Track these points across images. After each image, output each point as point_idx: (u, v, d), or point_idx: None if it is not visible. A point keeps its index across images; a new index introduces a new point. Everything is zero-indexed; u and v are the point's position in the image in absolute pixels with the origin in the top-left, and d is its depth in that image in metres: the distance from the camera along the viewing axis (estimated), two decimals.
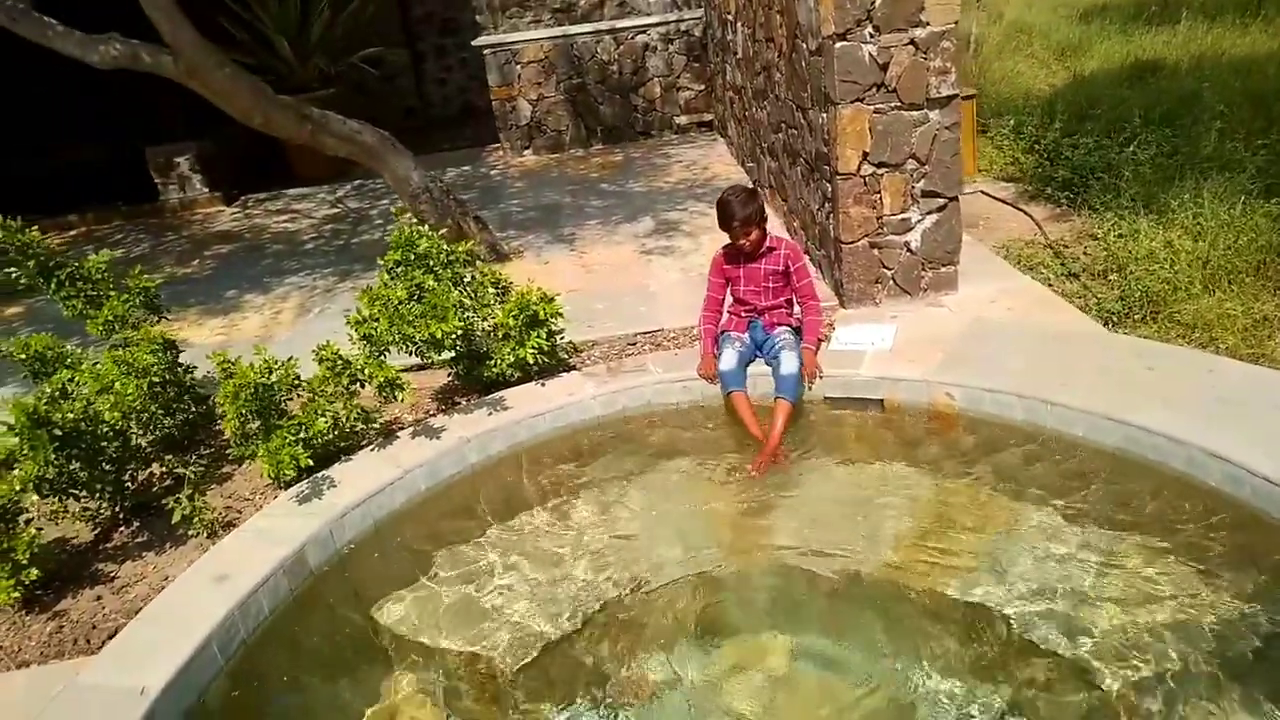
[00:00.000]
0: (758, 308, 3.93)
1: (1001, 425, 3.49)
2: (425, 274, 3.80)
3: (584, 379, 4.08)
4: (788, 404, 3.65)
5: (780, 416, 3.62)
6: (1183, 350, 3.74)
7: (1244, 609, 2.56)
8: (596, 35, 8.41)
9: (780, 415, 3.62)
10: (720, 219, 3.82)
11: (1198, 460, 2.96)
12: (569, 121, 8.62)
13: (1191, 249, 5.09)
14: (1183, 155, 6.36)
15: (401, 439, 3.78)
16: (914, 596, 2.88)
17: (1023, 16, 12.30)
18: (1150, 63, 8.95)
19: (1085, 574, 2.81)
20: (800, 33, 4.58)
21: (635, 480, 3.64)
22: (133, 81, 5.05)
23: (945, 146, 4.19)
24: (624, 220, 6.41)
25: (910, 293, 4.42)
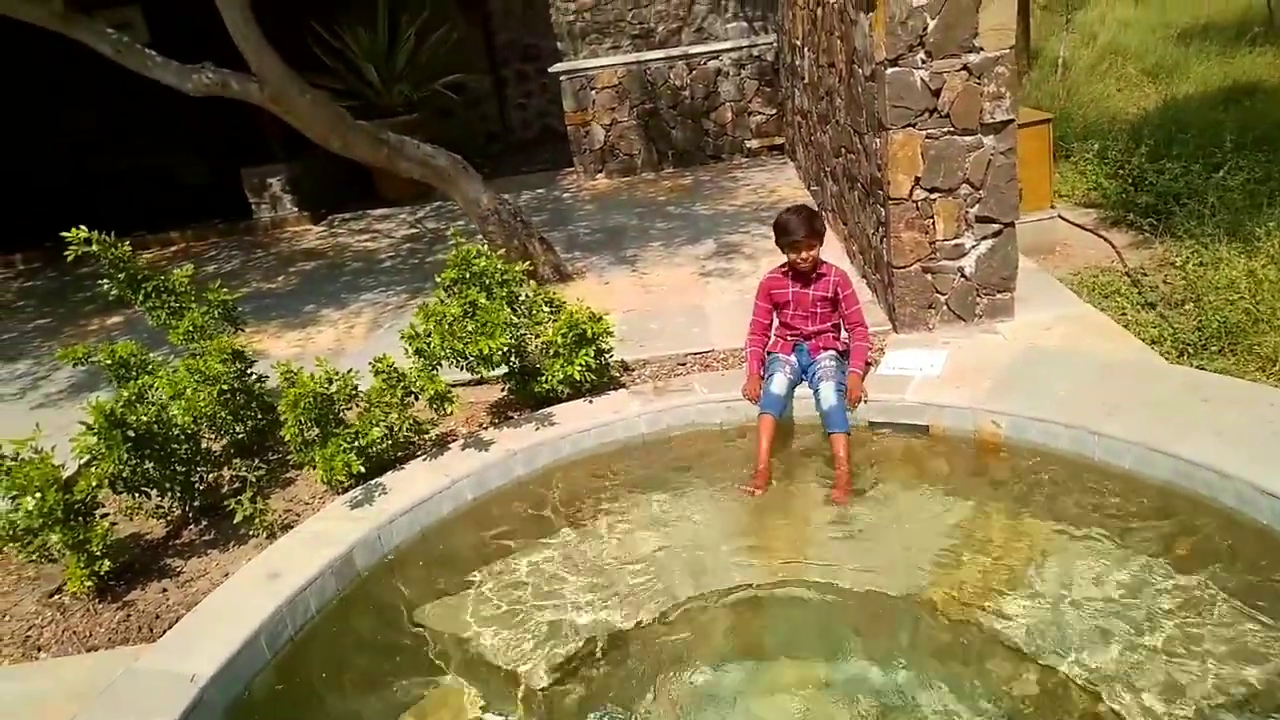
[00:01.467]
0: (804, 332, 3.94)
1: (1047, 455, 3.41)
2: (480, 292, 3.95)
3: (631, 397, 4.16)
4: (842, 436, 3.61)
5: (841, 450, 3.57)
6: (1240, 383, 3.59)
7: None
8: (669, 61, 8.56)
9: (841, 449, 3.57)
10: (779, 234, 3.85)
11: (1247, 496, 2.85)
12: (641, 145, 8.77)
13: (1276, 278, 4.87)
14: (1275, 181, 6.10)
15: (452, 450, 3.92)
16: (954, 626, 2.83)
17: (1117, 38, 11.96)
18: (1248, 85, 8.61)
19: (1128, 612, 2.72)
20: (857, 58, 4.60)
21: (676, 498, 3.68)
22: (234, 106, 5.38)
23: (1000, 172, 4.13)
24: (686, 242, 6.49)
25: (964, 319, 4.36)
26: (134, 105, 8.68)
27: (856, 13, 4.48)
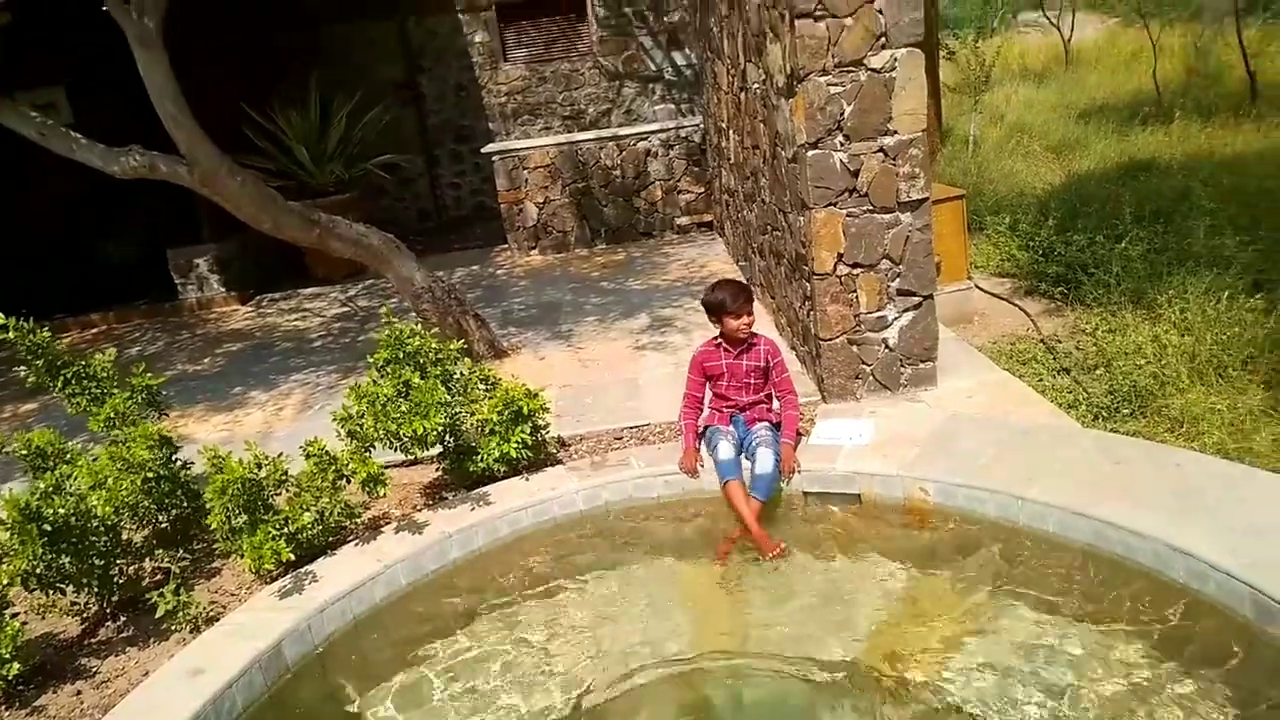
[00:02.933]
0: (739, 404, 4.02)
1: (974, 520, 3.51)
2: (413, 371, 3.93)
3: (568, 473, 4.16)
4: (759, 503, 3.70)
5: (751, 514, 3.66)
6: (1150, 444, 3.76)
7: (1228, 713, 2.53)
8: (600, 141, 8.79)
9: (752, 513, 3.67)
10: (717, 309, 3.92)
11: (1164, 555, 2.97)
12: (574, 223, 8.92)
13: (1179, 344, 5.16)
14: (1172, 251, 6.49)
15: (385, 534, 3.84)
16: (887, 693, 2.86)
17: (1023, 117, 12.70)
18: (1144, 161, 9.19)
19: (1056, 673, 2.79)
20: (779, 141, 4.80)
21: (614, 573, 3.67)
22: (161, 185, 5.33)
23: (918, 247, 4.32)
24: (620, 317, 6.58)
25: (889, 388, 4.50)
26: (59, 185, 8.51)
27: (778, 99, 4.70)
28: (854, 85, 4.11)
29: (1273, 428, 4.21)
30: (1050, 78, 15.76)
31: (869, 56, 4.09)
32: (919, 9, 4.07)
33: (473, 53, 11.14)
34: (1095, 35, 18.51)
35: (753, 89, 5.53)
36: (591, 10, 10.91)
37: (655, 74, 11.09)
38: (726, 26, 6.28)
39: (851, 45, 4.07)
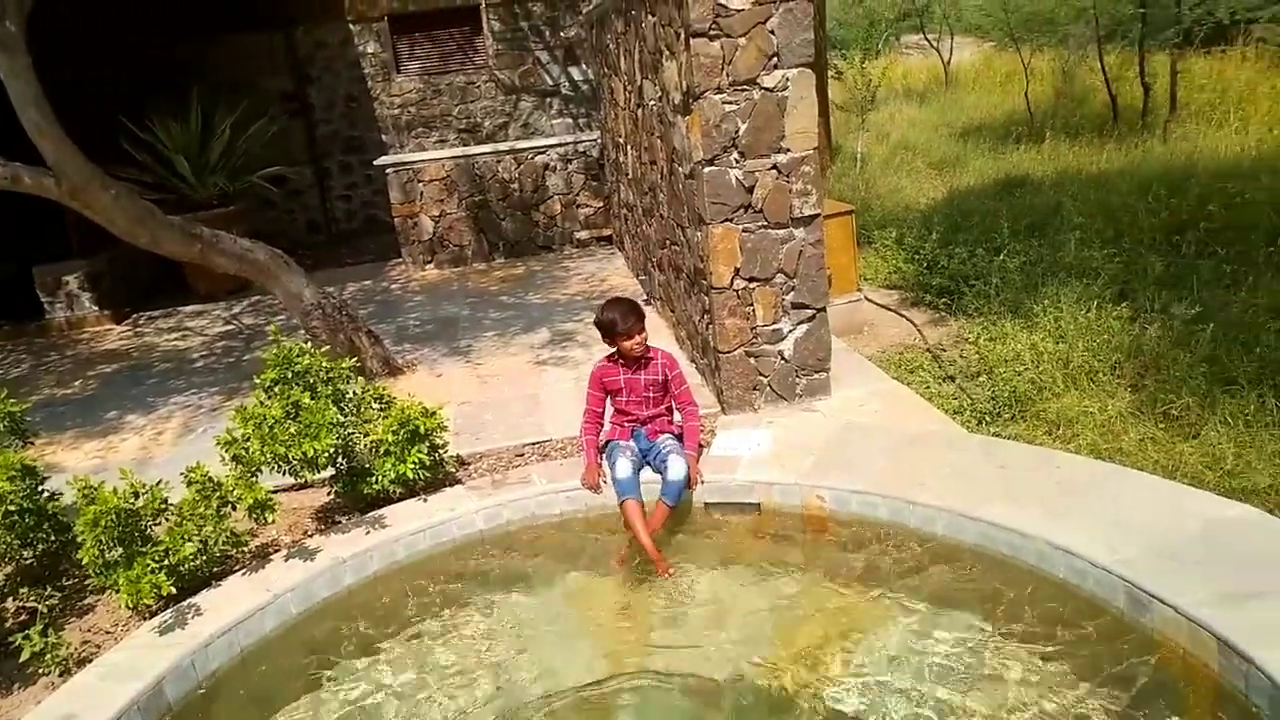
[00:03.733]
0: (640, 418, 4.02)
1: (868, 525, 3.60)
2: (303, 391, 3.79)
3: (467, 493, 4.08)
4: (667, 508, 3.73)
5: (659, 518, 3.70)
6: (1030, 447, 3.94)
7: (1103, 700, 2.65)
8: (497, 155, 8.72)
9: (659, 517, 3.71)
10: (608, 331, 3.93)
11: (1045, 554, 3.11)
12: (471, 237, 8.81)
13: (1054, 351, 5.43)
14: (1046, 263, 6.84)
15: (274, 562, 3.68)
16: (789, 701, 2.90)
17: (907, 135, 13.21)
18: (1019, 178, 9.67)
19: (948, 672, 2.88)
20: (677, 157, 4.85)
21: (516, 594, 3.61)
22: (26, 200, 5.00)
23: (811, 261, 4.43)
24: (520, 332, 6.52)
25: (786, 399, 4.59)
26: None
27: (675, 115, 4.75)
28: (748, 104, 4.19)
29: (1139, 428, 4.47)
30: (931, 98, 16.47)
31: (762, 76, 4.18)
32: (809, 30, 4.18)
33: (364, 64, 10.92)
34: (972, 58, 19.45)
35: (649, 105, 5.58)
36: (487, 24, 10.84)
37: (553, 88, 11.09)
38: (623, 43, 6.33)
39: (745, 64, 4.15)
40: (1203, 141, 9.39)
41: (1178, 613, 2.64)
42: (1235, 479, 3.88)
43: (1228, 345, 5.00)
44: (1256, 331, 5.09)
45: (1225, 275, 6.08)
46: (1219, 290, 5.82)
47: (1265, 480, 3.80)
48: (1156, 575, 2.79)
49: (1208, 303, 5.57)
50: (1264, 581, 2.67)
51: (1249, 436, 4.12)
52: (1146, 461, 4.13)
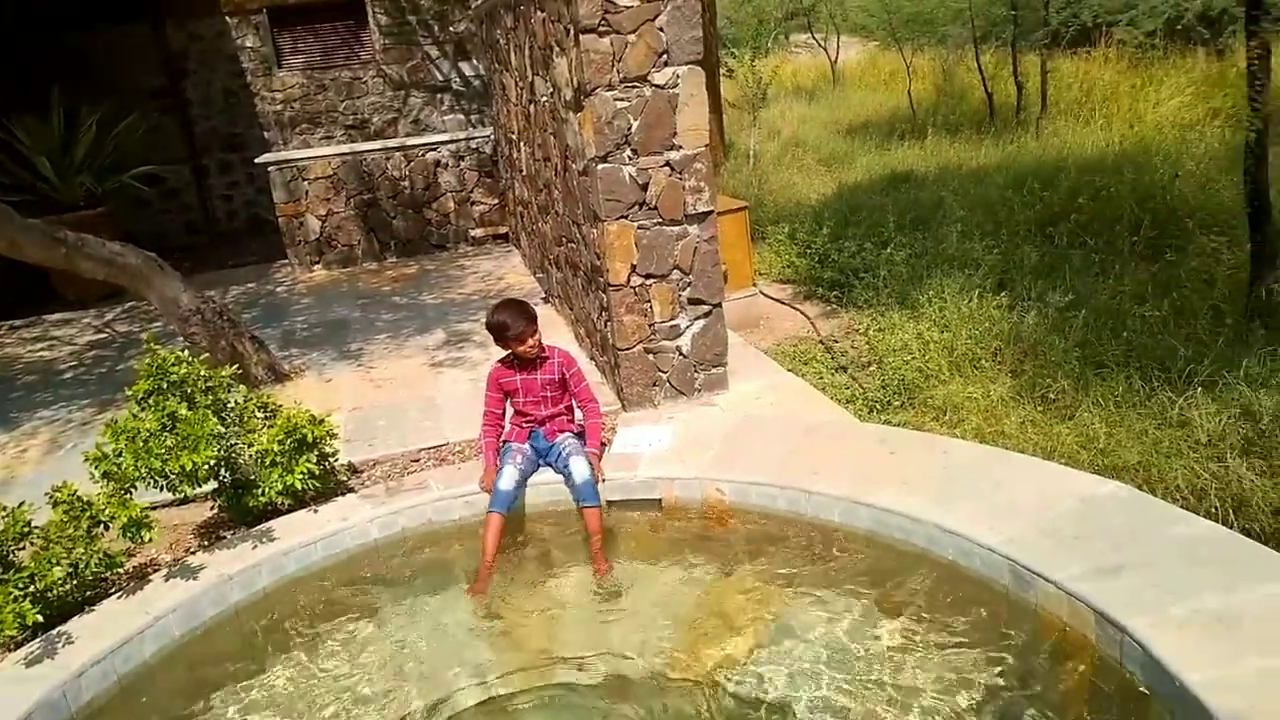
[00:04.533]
0: (538, 418, 3.97)
1: (767, 515, 3.65)
2: (180, 402, 3.60)
3: (361, 501, 3.95)
4: (596, 510, 3.69)
5: (595, 524, 3.65)
6: (919, 434, 4.08)
7: (991, 674, 2.75)
8: (386, 152, 8.50)
9: (594, 523, 3.66)
10: (499, 334, 3.86)
11: (935, 537, 3.21)
12: (360, 236, 8.56)
13: (939, 339, 5.62)
14: (930, 255, 7.08)
15: (154, 582, 3.48)
16: (697, 691, 2.91)
17: (798, 132, 13.48)
18: (904, 173, 9.99)
19: (849, 654, 2.94)
20: (570, 154, 4.82)
21: (415, 603, 3.51)
22: None
23: (705, 257, 4.47)
24: (415, 333, 6.37)
25: (685, 394, 4.62)
26: None
27: (567, 112, 4.71)
28: (640, 100, 4.19)
29: (1019, 411, 4.68)
30: (820, 95, 16.87)
31: (653, 73, 4.18)
32: (698, 28, 4.21)
33: (243, 58, 10.47)
34: (858, 57, 20.02)
35: (541, 102, 5.52)
36: (372, 17, 10.54)
37: (443, 84, 10.87)
38: (513, 39, 6.24)
39: (635, 61, 4.14)
40: (1071, 137, 9.89)
41: (1057, 587, 2.76)
42: (1107, 457, 4.10)
43: (1098, 330, 5.28)
44: (1123, 317, 5.39)
45: (1094, 264, 6.42)
46: (1089, 278, 6.14)
47: (1134, 457, 4.03)
48: (1037, 553, 2.91)
49: (1079, 291, 5.87)
50: (1134, 554, 2.82)
51: (1119, 416, 4.36)
52: (1027, 443, 4.32)
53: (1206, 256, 6.10)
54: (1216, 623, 2.46)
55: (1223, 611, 2.49)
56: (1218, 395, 4.25)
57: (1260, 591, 2.55)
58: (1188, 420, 4.14)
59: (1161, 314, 5.32)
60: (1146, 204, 6.95)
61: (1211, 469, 3.74)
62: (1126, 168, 7.78)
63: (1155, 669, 2.39)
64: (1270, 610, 2.47)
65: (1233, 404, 4.14)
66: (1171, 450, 3.96)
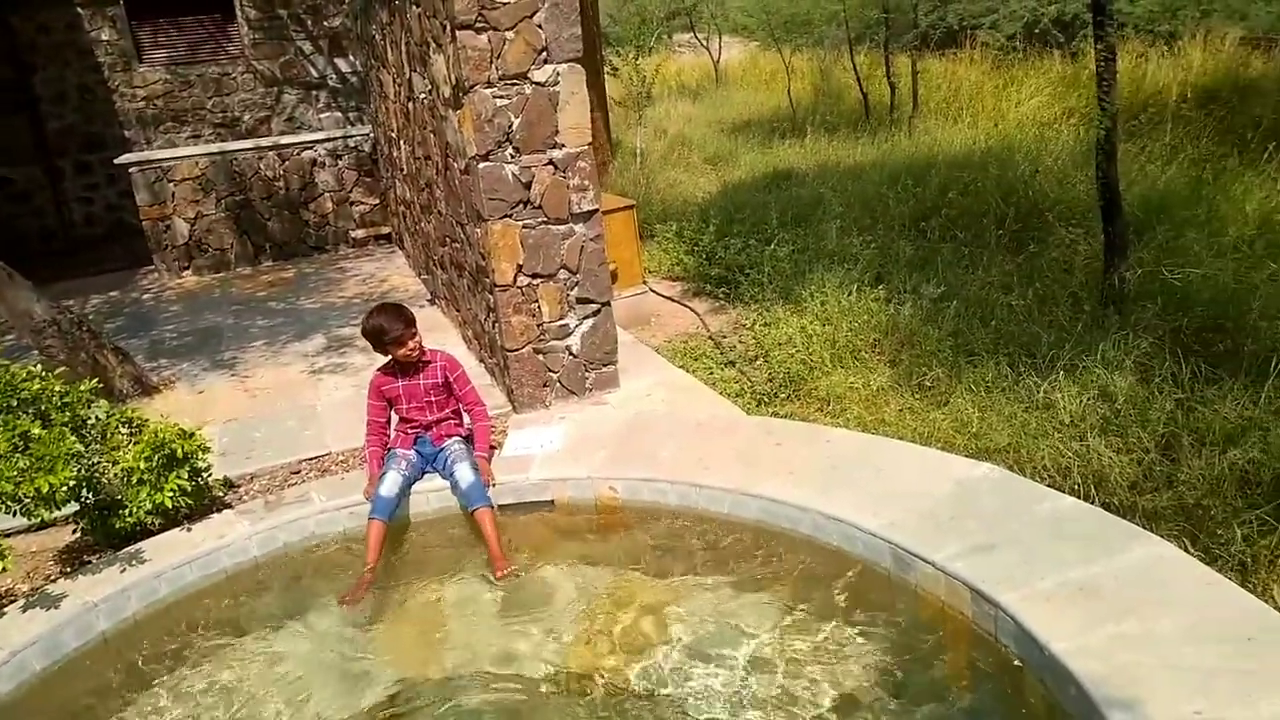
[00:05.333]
0: (423, 423, 3.88)
1: (659, 511, 3.68)
2: (33, 421, 3.36)
3: (238, 517, 3.78)
4: (487, 510, 3.62)
5: (489, 525, 3.58)
6: (804, 425, 4.19)
7: (877, 655, 2.84)
8: (259, 151, 8.16)
9: (488, 524, 3.59)
10: (377, 339, 3.76)
11: (820, 524, 3.30)
12: (233, 239, 8.19)
13: (821, 332, 5.77)
14: (812, 251, 7.26)
15: (10, 615, 3.25)
16: (598, 690, 2.89)
17: (683, 130, 13.62)
18: (785, 171, 10.22)
19: (742, 643, 2.98)
20: (451, 152, 4.73)
21: (300, 621, 3.38)
22: None
23: (592, 256, 4.46)
24: (293, 339, 6.14)
25: (576, 394, 4.60)
26: None
27: (446, 109, 4.62)
28: (520, 98, 4.15)
29: (898, 400, 4.85)
30: (704, 94, 17.11)
31: (532, 70, 4.15)
32: (577, 25, 4.19)
33: (99, 52, 9.85)
34: (740, 56, 20.39)
35: (420, 99, 5.40)
36: (241, 11, 10.09)
37: (318, 80, 10.51)
38: (389, 34, 6.09)
39: (514, 58, 4.10)
40: (941, 135, 10.33)
41: (935, 568, 2.88)
42: (980, 440, 4.29)
43: (968, 320, 5.52)
44: (991, 306, 5.66)
45: (964, 257, 6.71)
46: (959, 270, 6.42)
47: (1004, 439, 4.23)
48: (916, 535, 3.03)
49: (950, 282, 6.13)
50: (1004, 532, 2.97)
51: (989, 401, 4.57)
52: (906, 430, 4.48)
53: (1065, 247, 6.46)
54: (1079, 593, 2.61)
55: (1084, 582, 2.65)
56: (1078, 378, 4.51)
57: (1117, 562, 2.72)
58: (1052, 403, 4.37)
59: (1026, 303, 5.60)
60: (1010, 198, 7.32)
61: (1074, 448, 3.96)
62: (991, 164, 8.16)
63: (1026, 640, 2.52)
64: (1125, 579, 2.64)
65: (1091, 386, 4.41)
66: (1038, 431, 4.18)
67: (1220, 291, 5.03)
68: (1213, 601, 2.50)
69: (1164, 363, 4.39)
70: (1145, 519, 3.36)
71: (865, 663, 2.82)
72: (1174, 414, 3.99)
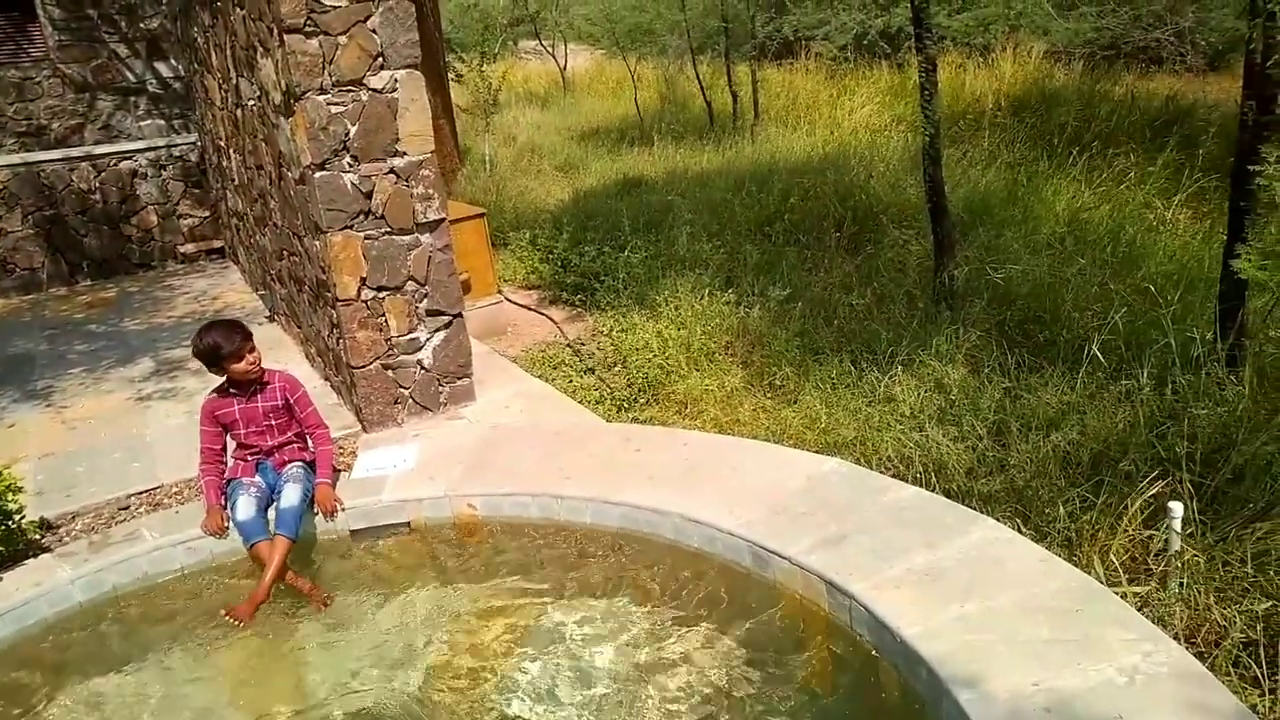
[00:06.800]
0: (264, 448, 3.67)
1: (521, 525, 3.62)
2: None
3: (58, 561, 3.45)
4: (285, 540, 3.42)
5: (277, 554, 3.36)
6: (661, 430, 4.22)
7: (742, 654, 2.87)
8: (70, 162, 7.53)
9: (278, 553, 3.37)
10: (212, 358, 3.52)
11: (681, 527, 3.32)
12: (44, 257, 7.53)
13: (676, 336, 5.85)
14: (664, 257, 7.36)
15: None
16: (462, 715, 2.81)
17: (532, 138, 13.55)
18: (635, 178, 10.32)
19: (603, 654, 2.96)
20: (284, 162, 4.50)
21: (137, 668, 3.11)
22: None
23: (441, 267, 4.35)
24: (116, 364, 5.69)
25: (430, 409, 4.47)
26: None
27: (277, 117, 4.40)
28: (356, 105, 3.99)
29: (752, 400, 4.97)
30: (552, 102, 17.09)
31: (369, 76, 4.00)
32: (413, 31, 4.08)
33: None
34: (586, 64, 20.49)
35: (249, 105, 5.12)
36: (43, 10, 9.26)
37: (136, 86, 9.77)
38: (212, 37, 5.74)
39: (349, 64, 3.94)
40: (782, 143, 10.70)
41: (791, 562, 2.96)
42: (828, 435, 4.45)
43: (813, 320, 5.73)
44: (834, 306, 5.90)
45: (807, 259, 6.97)
46: (803, 272, 6.66)
47: (851, 433, 4.41)
48: (772, 532, 3.10)
49: (795, 284, 6.34)
50: (853, 523, 3.08)
51: (836, 397, 4.76)
52: (760, 429, 4.60)
53: (899, 248, 6.81)
54: (925, 577, 2.74)
55: (929, 567, 2.78)
56: (915, 371, 4.76)
57: (956, 545, 2.88)
58: (893, 396, 4.59)
59: (865, 302, 5.87)
60: (847, 202, 7.66)
61: (915, 438, 4.17)
62: (829, 169, 8.53)
63: (878, 627, 2.62)
64: (964, 561, 2.79)
65: (928, 379, 4.65)
66: (881, 424, 4.37)
67: (1037, 285, 5.42)
68: (1043, 576, 2.68)
69: (992, 354, 4.69)
70: (981, 503, 3.57)
71: (731, 662, 2.86)
72: (1003, 402, 4.26)
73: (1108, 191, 7.23)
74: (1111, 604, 2.53)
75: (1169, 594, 2.94)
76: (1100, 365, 4.25)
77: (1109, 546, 3.12)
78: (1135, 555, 3.15)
